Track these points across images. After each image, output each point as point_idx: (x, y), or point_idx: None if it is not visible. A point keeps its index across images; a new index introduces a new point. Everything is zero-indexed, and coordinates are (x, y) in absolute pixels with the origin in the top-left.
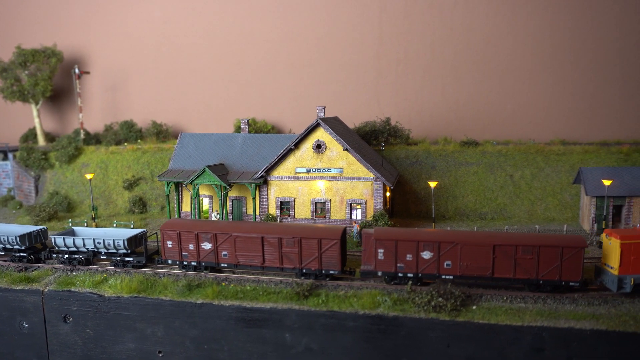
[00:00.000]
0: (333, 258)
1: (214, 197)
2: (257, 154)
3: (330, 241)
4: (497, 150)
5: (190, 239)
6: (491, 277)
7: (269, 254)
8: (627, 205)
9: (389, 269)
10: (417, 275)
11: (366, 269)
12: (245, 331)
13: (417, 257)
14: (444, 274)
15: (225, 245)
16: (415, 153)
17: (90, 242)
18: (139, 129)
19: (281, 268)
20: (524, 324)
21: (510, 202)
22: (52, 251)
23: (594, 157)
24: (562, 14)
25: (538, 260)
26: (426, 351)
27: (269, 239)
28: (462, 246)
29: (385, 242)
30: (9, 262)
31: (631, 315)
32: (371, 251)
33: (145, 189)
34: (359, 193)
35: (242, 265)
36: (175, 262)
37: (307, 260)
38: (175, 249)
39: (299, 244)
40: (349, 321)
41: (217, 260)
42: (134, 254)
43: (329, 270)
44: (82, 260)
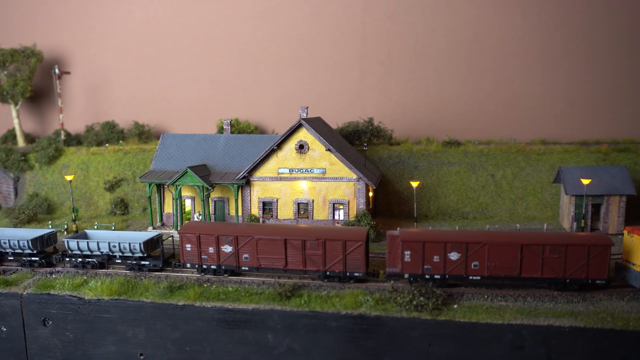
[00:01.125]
0: (358, 260)
1: (197, 198)
2: (239, 155)
3: (355, 243)
4: (479, 150)
5: (211, 242)
6: (519, 277)
7: (291, 257)
8: (606, 203)
9: (415, 271)
10: (444, 276)
11: (392, 272)
12: (228, 332)
13: (445, 258)
14: (471, 275)
15: (246, 247)
16: (398, 153)
17: (105, 246)
18: (121, 130)
19: (304, 270)
20: (504, 322)
21: (492, 201)
22: (65, 255)
23: (573, 156)
24: (544, 16)
25: (565, 259)
26: (408, 350)
27: (292, 242)
28: (489, 246)
29: (412, 244)
30: (19, 267)
31: (609, 312)
32: (397, 253)
33: (127, 190)
34: (342, 193)
35: (264, 268)
36: (194, 265)
37: (331, 262)
38: (195, 252)
39: (323, 246)
40: (331, 321)
41: (238, 263)
42: (150, 258)
43: (353, 272)
44: (96, 264)
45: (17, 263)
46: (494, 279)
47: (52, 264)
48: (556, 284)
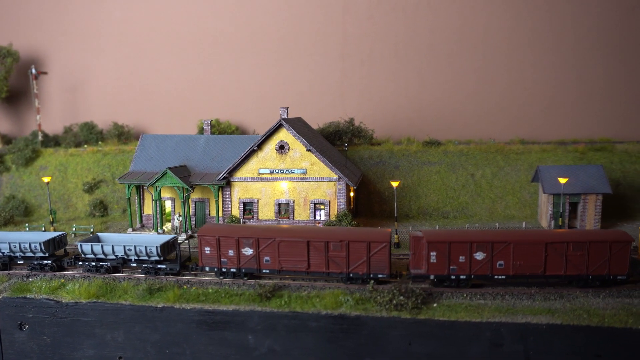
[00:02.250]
0: (382, 261)
1: (177, 199)
2: (220, 155)
3: (379, 244)
4: (459, 150)
5: (230, 245)
6: (543, 275)
7: (314, 259)
8: (583, 202)
9: (441, 272)
10: (469, 276)
11: (418, 273)
12: (208, 334)
13: (470, 258)
14: (496, 274)
15: (267, 250)
16: (378, 153)
17: (121, 249)
18: (100, 131)
19: (327, 273)
20: (482, 320)
21: (472, 200)
22: (78, 258)
23: (551, 155)
24: (523, 18)
25: (588, 256)
26: (388, 349)
27: (315, 243)
28: (515, 245)
29: (438, 245)
30: (30, 271)
31: (585, 309)
32: (422, 254)
33: (106, 191)
34: (323, 193)
35: (286, 270)
36: (213, 269)
37: (354, 264)
38: (214, 255)
39: (347, 248)
40: (311, 321)
41: (259, 266)
42: (167, 261)
43: (377, 274)
44: (110, 268)
45: (27, 267)
46: (519, 278)
47: (63, 268)
48: (578, 281)
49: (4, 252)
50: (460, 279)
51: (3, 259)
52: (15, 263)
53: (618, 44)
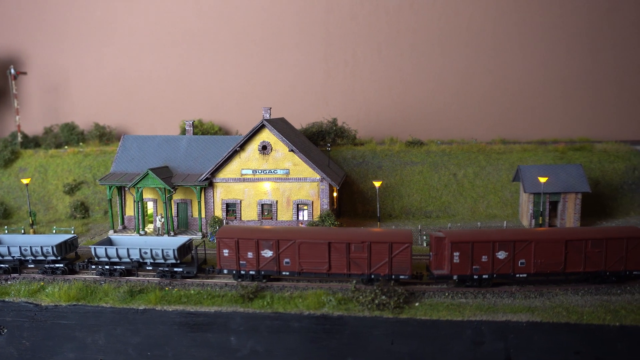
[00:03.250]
0: (404, 262)
1: (159, 201)
2: (202, 156)
3: (401, 245)
4: (441, 150)
5: (250, 247)
6: (563, 272)
7: (335, 260)
8: (562, 201)
9: (464, 272)
10: (492, 275)
11: (440, 274)
12: (190, 336)
13: (493, 257)
14: (518, 273)
15: (288, 252)
16: (361, 153)
17: (136, 252)
18: (81, 132)
19: (348, 274)
20: (464, 319)
21: (454, 200)
22: (91, 262)
23: (532, 155)
24: (502, 17)
25: (606, 252)
26: (371, 349)
27: (336, 245)
28: (536, 243)
29: (461, 245)
30: (42, 275)
31: (564, 307)
32: (444, 255)
33: (88, 193)
34: (306, 194)
35: (306, 272)
36: (232, 271)
37: (376, 265)
38: (233, 257)
39: (369, 249)
40: (294, 322)
41: (279, 268)
42: (183, 264)
43: (399, 275)
44: (124, 271)
45: (38, 270)
46: (539, 276)
47: (74, 271)
48: (596, 277)
49: (15, 255)
50: (482, 279)
51: (14, 263)
52: (26, 267)
53: (597, 46)
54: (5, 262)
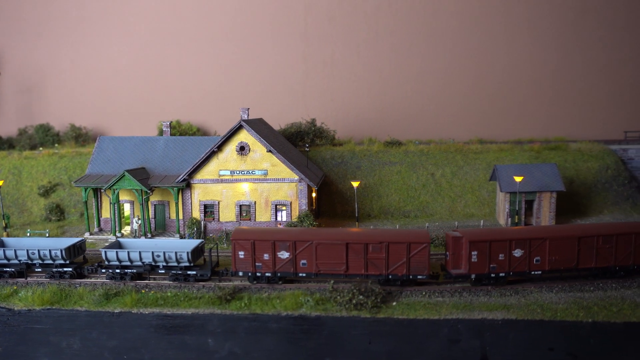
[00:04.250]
0: (422, 262)
1: (136, 202)
2: (179, 157)
3: (419, 245)
4: (419, 150)
5: (266, 248)
6: (576, 268)
7: (353, 261)
8: (538, 200)
9: (482, 271)
10: (508, 273)
11: (458, 273)
12: (167, 338)
13: (509, 255)
14: (534, 270)
15: (304, 253)
16: (340, 154)
17: (149, 256)
18: (56, 133)
19: (365, 275)
20: (440, 317)
21: (432, 199)
22: (101, 265)
23: (508, 155)
24: (479, 20)
25: (616, 248)
26: (348, 349)
27: (353, 245)
28: (550, 241)
29: (479, 244)
30: (49, 279)
31: (538, 304)
32: (461, 254)
33: (63, 195)
34: (284, 194)
35: (323, 273)
36: (247, 273)
37: (394, 265)
38: (248, 259)
39: (386, 249)
40: (271, 323)
41: (295, 269)
42: (196, 267)
43: (416, 275)
44: (136, 275)
45: (45, 275)
46: (553, 272)
47: (83, 275)
48: (605, 272)
49: (21, 259)
50: (499, 277)
51: (20, 267)
52: (32, 271)
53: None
54: (11, 266)
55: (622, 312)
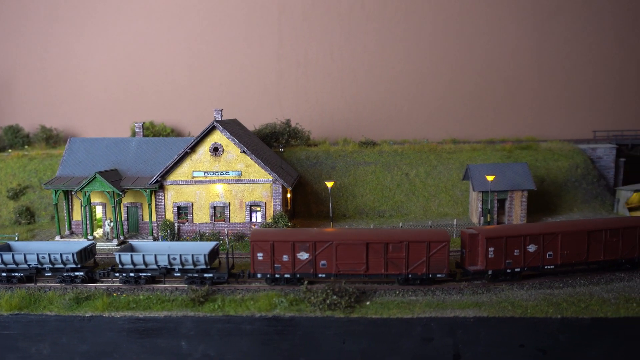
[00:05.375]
0: (441, 261)
1: (108, 205)
2: (152, 159)
3: (439, 243)
4: (394, 150)
5: (285, 250)
6: (586, 261)
7: (373, 261)
8: (509, 198)
9: (498, 267)
10: (523, 269)
11: (475, 269)
12: (139, 342)
13: (524, 251)
14: (546, 265)
15: (324, 253)
16: (315, 154)
17: (164, 259)
18: (26, 134)
19: (385, 275)
20: (414, 316)
21: (407, 199)
22: (114, 269)
23: (481, 154)
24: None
25: (622, 241)
26: (323, 349)
27: (374, 245)
28: (562, 236)
29: (496, 240)
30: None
31: (509, 301)
32: (477, 251)
33: (33, 198)
34: (258, 195)
35: (343, 274)
36: (266, 275)
37: (413, 265)
38: (267, 261)
39: (406, 249)
40: (245, 325)
41: (315, 270)
42: (213, 270)
43: (436, 274)
44: (150, 278)
45: (56, 279)
46: (565, 266)
47: (94, 280)
48: (612, 265)
49: (31, 263)
50: (514, 272)
51: (30, 271)
52: (42, 275)
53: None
54: (20, 271)
55: (590, 307)
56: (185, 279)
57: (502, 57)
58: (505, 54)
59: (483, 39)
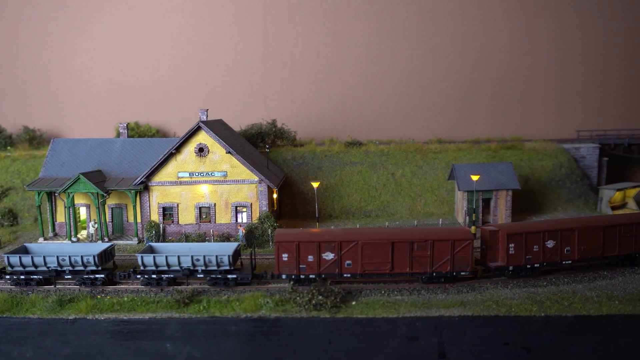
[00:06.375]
0: (465, 259)
1: (92, 206)
2: (137, 159)
3: (463, 242)
4: (380, 150)
5: (311, 250)
6: (601, 256)
7: (398, 260)
8: (494, 198)
9: (519, 262)
10: (542, 264)
11: (496, 265)
12: (124, 344)
13: (543, 247)
14: (565, 260)
15: (350, 253)
16: (301, 154)
17: (188, 260)
18: (9, 135)
19: (410, 273)
20: (399, 316)
21: (393, 199)
22: (136, 271)
23: (466, 154)
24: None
25: (636, 236)
26: (309, 349)
27: (399, 244)
28: (579, 231)
29: (516, 237)
30: (79, 287)
31: (494, 300)
32: (497, 247)
33: (16, 199)
34: (244, 196)
35: (368, 273)
36: (291, 276)
37: (438, 263)
38: (292, 261)
39: (431, 247)
40: (231, 326)
41: (340, 270)
42: (236, 270)
43: (460, 272)
44: (173, 279)
45: (76, 281)
46: (582, 261)
47: (114, 282)
48: (625, 259)
49: (51, 266)
50: (534, 268)
51: (49, 274)
52: (62, 278)
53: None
54: (39, 273)
55: (573, 305)
56: (207, 280)
57: (487, 58)
58: (491, 54)
59: (469, 40)
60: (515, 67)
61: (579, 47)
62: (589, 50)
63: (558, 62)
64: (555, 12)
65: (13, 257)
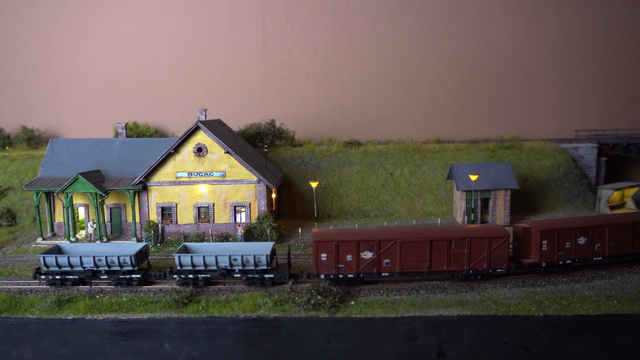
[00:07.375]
0: (501, 256)
1: (90, 206)
2: (135, 159)
3: (500, 239)
4: (378, 150)
5: (350, 249)
6: (631, 253)
7: (435, 258)
8: (493, 198)
9: (551, 259)
10: (574, 260)
11: (530, 262)
12: (122, 344)
13: (575, 243)
14: (595, 256)
15: (388, 252)
16: (300, 154)
17: (225, 259)
18: (7, 135)
19: (448, 271)
20: (398, 316)
21: (392, 199)
22: (172, 271)
23: (465, 154)
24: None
25: None
26: (307, 349)
27: (437, 243)
28: (609, 228)
29: (549, 233)
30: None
31: (492, 300)
32: (530, 244)
33: (15, 199)
34: (243, 196)
35: (406, 272)
36: (329, 276)
37: (474, 260)
38: (331, 261)
39: (468, 245)
40: (229, 326)
41: (379, 269)
42: (273, 270)
43: (495, 269)
44: (209, 279)
45: (111, 281)
46: (612, 258)
47: (149, 282)
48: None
49: (87, 266)
50: (566, 264)
51: (85, 274)
52: (98, 278)
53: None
54: (75, 273)
55: (572, 305)
56: (244, 280)
57: (486, 58)
58: (489, 54)
59: (467, 40)
60: (514, 67)
61: (577, 47)
62: (587, 50)
63: (556, 62)
64: (553, 12)
65: (49, 257)
